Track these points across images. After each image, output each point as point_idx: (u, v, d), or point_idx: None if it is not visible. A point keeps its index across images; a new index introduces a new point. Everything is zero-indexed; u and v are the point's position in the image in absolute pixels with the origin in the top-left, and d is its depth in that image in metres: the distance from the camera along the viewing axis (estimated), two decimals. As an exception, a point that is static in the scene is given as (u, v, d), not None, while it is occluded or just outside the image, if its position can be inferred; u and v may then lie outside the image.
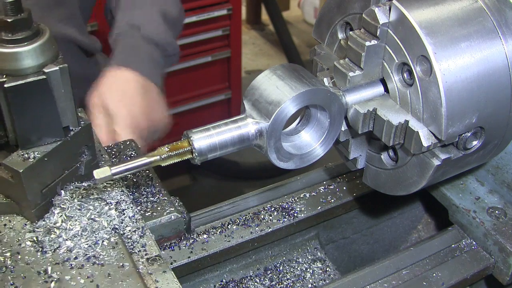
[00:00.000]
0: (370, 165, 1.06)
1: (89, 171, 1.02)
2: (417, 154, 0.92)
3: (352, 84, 0.94)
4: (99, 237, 0.94)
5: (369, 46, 0.91)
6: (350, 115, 0.95)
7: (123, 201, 1.01)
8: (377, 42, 0.91)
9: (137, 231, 0.97)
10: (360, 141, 1.05)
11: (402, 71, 0.91)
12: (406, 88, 0.91)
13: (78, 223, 0.95)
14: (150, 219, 1.06)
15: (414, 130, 0.88)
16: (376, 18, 0.89)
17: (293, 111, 0.87)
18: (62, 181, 0.99)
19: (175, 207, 1.09)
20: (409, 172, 0.96)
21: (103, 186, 1.03)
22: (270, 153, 0.89)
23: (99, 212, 0.98)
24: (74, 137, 0.97)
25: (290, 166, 0.94)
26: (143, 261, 0.92)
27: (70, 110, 0.95)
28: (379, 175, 1.04)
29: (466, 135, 0.90)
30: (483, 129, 0.91)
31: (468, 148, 0.92)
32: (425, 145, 0.87)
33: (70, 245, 0.93)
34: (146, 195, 1.11)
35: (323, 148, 0.95)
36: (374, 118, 0.93)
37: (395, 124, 0.89)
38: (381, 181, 1.04)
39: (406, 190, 0.99)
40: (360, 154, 1.06)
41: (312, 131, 0.96)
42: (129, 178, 1.15)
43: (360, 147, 1.05)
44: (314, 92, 0.88)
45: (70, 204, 0.97)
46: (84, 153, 1.01)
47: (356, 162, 1.07)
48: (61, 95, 0.92)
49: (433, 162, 0.90)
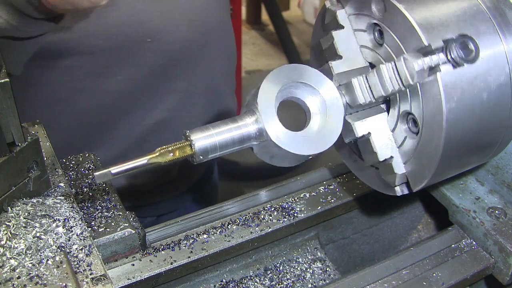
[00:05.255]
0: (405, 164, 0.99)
1: (37, 187, 1.00)
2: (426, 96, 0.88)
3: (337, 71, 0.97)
4: (44, 255, 0.92)
5: (335, 33, 0.99)
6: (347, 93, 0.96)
7: (72, 217, 0.99)
8: (343, 29, 0.99)
9: (84, 249, 0.95)
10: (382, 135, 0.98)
11: (374, 33, 0.97)
12: (380, 42, 0.96)
13: (23, 241, 0.93)
14: (103, 235, 1.05)
15: (401, 60, 0.86)
16: (332, 12, 1.00)
17: (276, 89, 0.87)
18: (9, 198, 0.97)
19: (130, 222, 1.08)
20: (429, 130, 0.90)
21: (53, 202, 1.01)
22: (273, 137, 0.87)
23: (46, 230, 0.95)
24: (20, 152, 0.96)
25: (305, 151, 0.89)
26: (87, 281, 0.90)
27: (15, 126, 0.93)
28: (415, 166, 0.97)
29: (454, 44, 0.86)
30: (471, 38, 0.88)
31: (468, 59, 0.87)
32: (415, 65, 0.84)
33: (14, 263, 0.90)
34: (100, 210, 1.11)
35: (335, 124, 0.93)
36: (368, 84, 0.93)
37: (385, 69, 0.89)
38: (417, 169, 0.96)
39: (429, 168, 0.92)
40: (391, 155, 0.97)
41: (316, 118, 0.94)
42: (84, 192, 1.15)
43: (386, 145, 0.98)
44: (293, 68, 0.88)
45: (15, 221, 0.95)
46: (33, 169, 1.00)
47: (393, 168, 0.98)
48: (3, 110, 0.90)
49: (437, 76, 0.85)
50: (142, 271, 1.06)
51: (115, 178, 0.83)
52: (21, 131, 0.95)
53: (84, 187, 1.17)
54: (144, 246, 1.11)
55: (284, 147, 0.87)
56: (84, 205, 1.12)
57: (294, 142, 0.88)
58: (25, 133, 0.97)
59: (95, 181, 1.17)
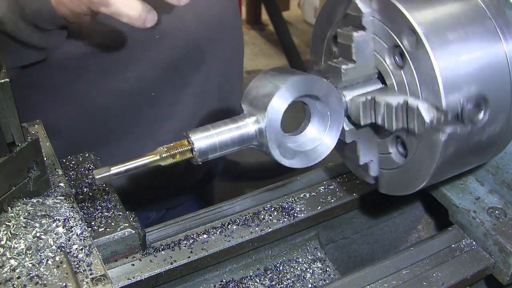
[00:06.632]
0: (383, 170, 1.04)
1: (37, 187, 1.00)
2: (424, 138, 0.90)
3: (347, 77, 0.94)
4: (44, 255, 0.92)
5: (356, 36, 0.92)
6: (350, 107, 0.94)
7: (72, 217, 0.99)
8: (365, 32, 0.92)
9: (84, 249, 0.95)
10: (368, 144, 1.03)
11: (394, 55, 0.91)
12: (399, 70, 0.90)
13: (23, 241, 0.92)
14: (103, 235, 1.05)
15: (414, 106, 0.87)
16: (359, 9, 0.91)
17: (288, 101, 0.87)
18: (9, 198, 0.97)
19: (129, 222, 1.08)
20: (419, 159, 0.93)
21: (53, 202, 1.01)
22: (272, 149, 0.88)
23: (46, 230, 0.95)
24: (20, 152, 0.95)
25: (295, 164, 0.92)
26: (87, 281, 0.89)
27: (14, 126, 0.93)
28: (393, 177, 1.02)
29: (469, 106, 0.87)
30: (486, 100, 0.89)
31: (474, 122, 0.89)
32: (427, 119, 0.85)
33: (14, 263, 0.90)
34: (100, 210, 1.11)
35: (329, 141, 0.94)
36: (374, 107, 0.93)
37: (394, 105, 0.89)
38: (395, 182, 1.02)
39: (421, 180, 0.96)
40: (372, 160, 1.04)
41: (314, 127, 0.94)
42: (84, 192, 1.15)
43: (369, 151, 1.03)
44: (307, 80, 0.87)
45: (15, 221, 0.95)
46: (33, 169, 0.99)
47: (368, 169, 1.05)
48: (3, 110, 0.90)
49: (440, 137, 0.87)
50: (142, 271, 1.06)
51: (115, 178, 0.83)
52: (21, 131, 0.95)
53: (84, 187, 1.17)
54: (144, 246, 1.10)
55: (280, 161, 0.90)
56: (84, 205, 1.12)
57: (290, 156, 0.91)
58: (25, 133, 0.96)
59: (95, 181, 1.16)
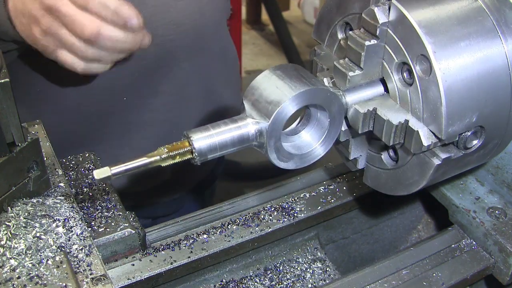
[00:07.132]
0: (370, 165, 1.06)
1: (37, 187, 1.00)
2: (417, 154, 0.92)
3: (352, 84, 0.94)
4: (44, 255, 0.92)
5: (368, 45, 0.91)
6: (350, 115, 0.95)
7: (72, 217, 0.99)
8: (377, 41, 0.91)
9: (84, 249, 0.95)
10: (360, 141, 1.05)
11: (402, 70, 0.91)
12: (406, 87, 0.91)
13: (23, 241, 0.92)
14: (103, 235, 1.05)
15: (414, 129, 0.88)
16: (375, 17, 0.89)
17: (293, 111, 0.87)
18: (9, 198, 0.97)
19: (130, 222, 1.08)
20: (409, 172, 0.96)
21: (53, 202, 1.01)
22: (270, 153, 0.89)
23: (46, 230, 0.95)
24: (20, 152, 0.96)
25: (290, 166, 0.94)
26: (87, 281, 0.90)
27: (14, 125, 0.93)
28: (380, 176, 1.04)
29: (466, 134, 0.90)
30: (483, 128, 0.91)
31: (468, 148, 0.92)
32: (425, 144, 0.87)
33: (14, 263, 0.90)
34: (100, 210, 1.11)
35: (324, 147, 0.96)
36: (374, 118, 0.93)
37: (395, 124, 0.89)
38: (381, 181, 1.04)
39: (407, 190, 0.99)
40: (361, 154, 1.06)
41: (312, 131, 0.96)
42: (84, 192, 1.15)
43: (360, 147, 1.06)
44: (314, 92, 0.88)
45: (15, 221, 0.95)
46: (33, 169, 0.99)
47: (357, 163, 1.07)
48: (3, 110, 0.90)
49: (433, 161, 0.90)
50: (142, 271, 1.06)
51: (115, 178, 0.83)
52: (21, 131, 0.95)
53: (84, 187, 1.16)
54: (144, 246, 1.10)
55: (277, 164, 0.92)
56: (84, 205, 1.12)
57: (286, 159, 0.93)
58: (25, 133, 0.96)
59: (95, 181, 1.17)
